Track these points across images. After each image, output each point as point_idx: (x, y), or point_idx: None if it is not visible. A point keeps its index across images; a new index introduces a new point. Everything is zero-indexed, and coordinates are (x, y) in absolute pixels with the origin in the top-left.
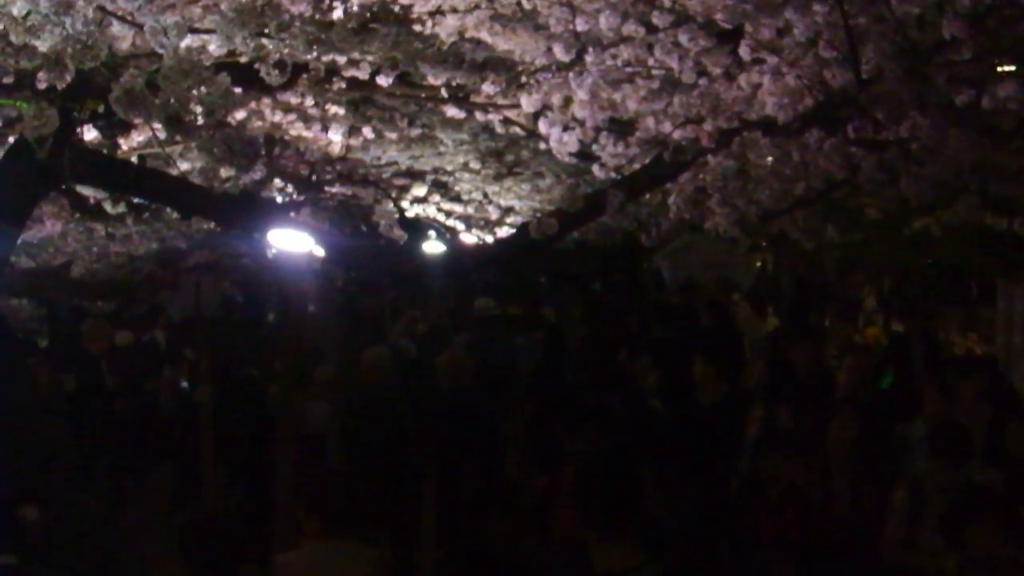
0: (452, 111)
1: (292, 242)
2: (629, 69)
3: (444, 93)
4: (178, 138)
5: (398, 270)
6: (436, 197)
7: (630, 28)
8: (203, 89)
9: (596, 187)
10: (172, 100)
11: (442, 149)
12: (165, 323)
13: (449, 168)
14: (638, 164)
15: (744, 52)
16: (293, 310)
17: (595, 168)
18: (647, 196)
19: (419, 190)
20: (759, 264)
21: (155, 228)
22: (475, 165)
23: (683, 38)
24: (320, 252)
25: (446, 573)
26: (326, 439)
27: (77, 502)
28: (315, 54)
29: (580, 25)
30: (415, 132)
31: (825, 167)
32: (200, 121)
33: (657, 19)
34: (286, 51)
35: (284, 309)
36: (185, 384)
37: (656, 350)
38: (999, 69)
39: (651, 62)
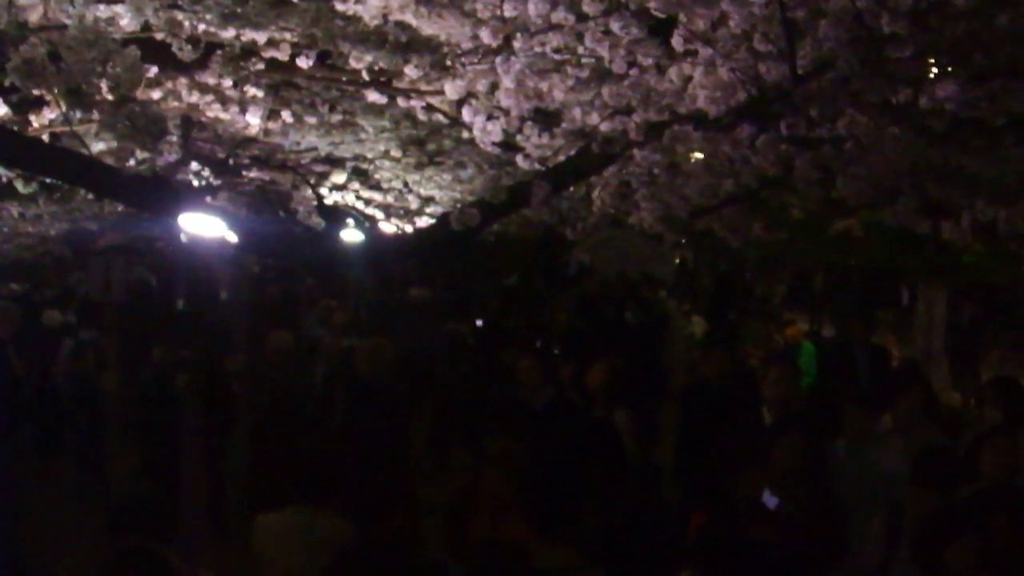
0: (374, 96)
1: (204, 227)
2: (558, 57)
3: (366, 77)
4: (89, 116)
5: (315, 258)
6: (356, 185)
7: (560, 16)
8: (109, 63)
9: (519, 179)
10: (74, 72)
11: (363, 136)
12: (76, 306)
13: (369, 155)
14: (563, 156)
15: (677, 43)
16: (203, 297)
17: (519, 159)
18: (571, 189)
19: (338, 177)
20: (678, 260)
21: (67, 209)
22: (396, 153)
23: (615, 26)
24: (233, 238)
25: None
26: None
27: None
28: (230, 30)
29: (508, 11)
30: (336, 118)
31: (757, 164)
32: (105, 97)
33: (588, 7)
34: (200, 26)
35: (194, 295)
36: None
37: (574, 343)
38: (934, 70)
39: (580, 50)
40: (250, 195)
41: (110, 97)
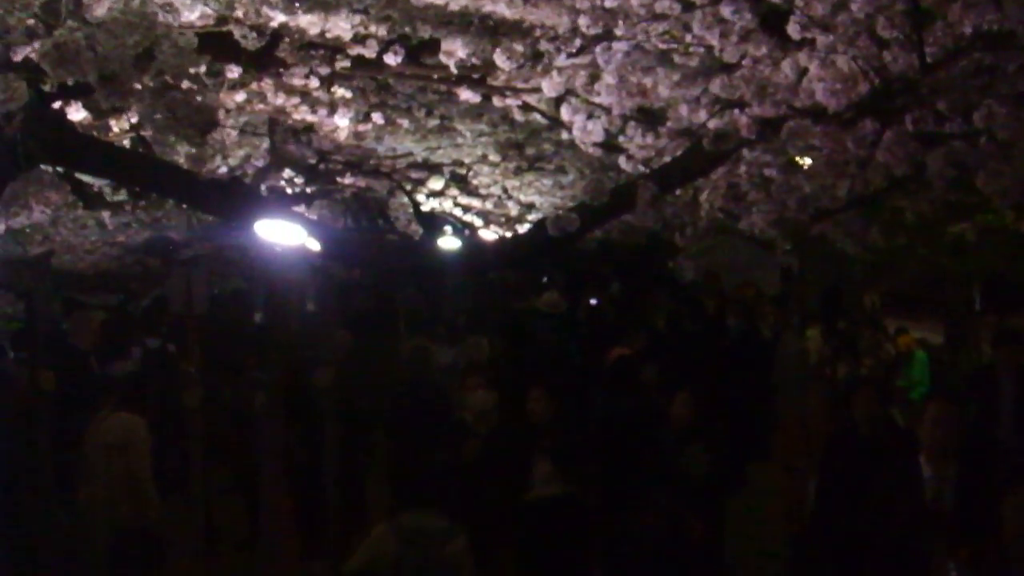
0: (466, 94)
1: (283, 234)
2: (663, 46)
3: (453, 69)
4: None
5: (408, 267)
6: (454, 191)
7: (664, 4)
8: (157, 49)
9: (621, 182)
10: (110, 58)
11: (460, 140)
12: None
13: (467, 160)
14: (668, 157)
15: (793, 30)
16: (282, 309)
17: (621, 160)
18: (677, 192)
19: (436, 183)
20: (782, 268)
21: (155, 218)
22: (494, 158)
23: (726, 11)
24: (315, 246)
25: None
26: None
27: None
28: (301, 16)
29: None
30: (432, 122)
31: (885, 162)
32: (147, 84)
33: None
34: (264, 10)
35: (272, 308)
36: None
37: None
38: None
39: (688, 38)
40: (346, 203)
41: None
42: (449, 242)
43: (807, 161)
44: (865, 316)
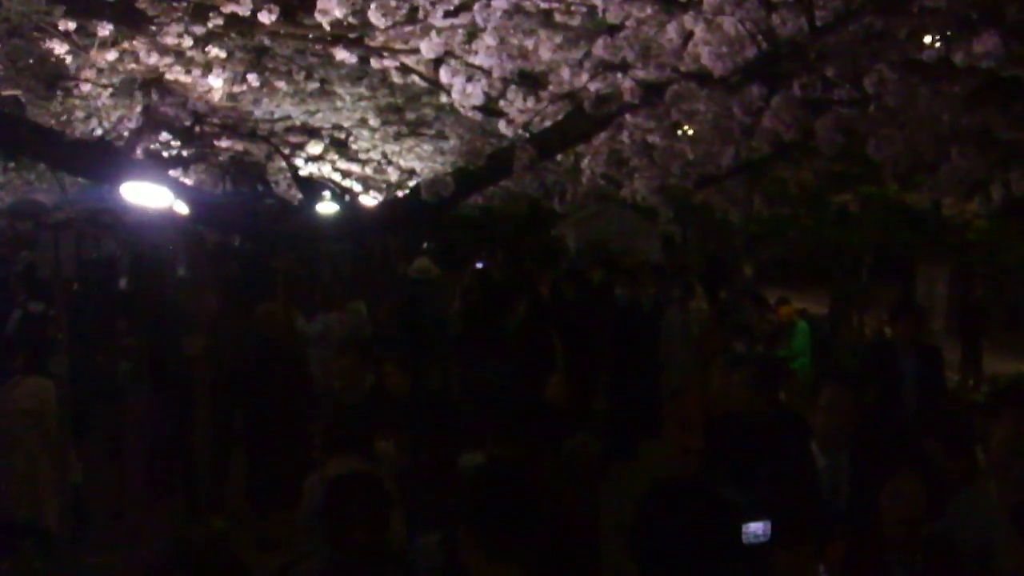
0: (342, 54)
1: (150, 197)
2: (544, 5)
3: (326, 27)
4: None
5: (283, 233)
6: (333, 156)
7: None
8: None
9: (500, 147)
10: None
11: (339, 104)
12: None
13: (347, 125)
14: (550, 122)
15: None
16: (147, 274)
17: (501, 124)
18: (559, 158)
19: (315, 148)
20: (666, 236)
21: (28, 180)
22: (374, 122)
23: None
24: (183, 209)
25: None
26: None
27: None
28: None
29: None
30: (312, 85)
31: (772, 127)
32: None
33: None
34: None
35: (138, 273)
36: None
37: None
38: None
39: None
40: (223, 167)
41: None
42: (327, 207)
43: (691, 129)
44: (744, 286)
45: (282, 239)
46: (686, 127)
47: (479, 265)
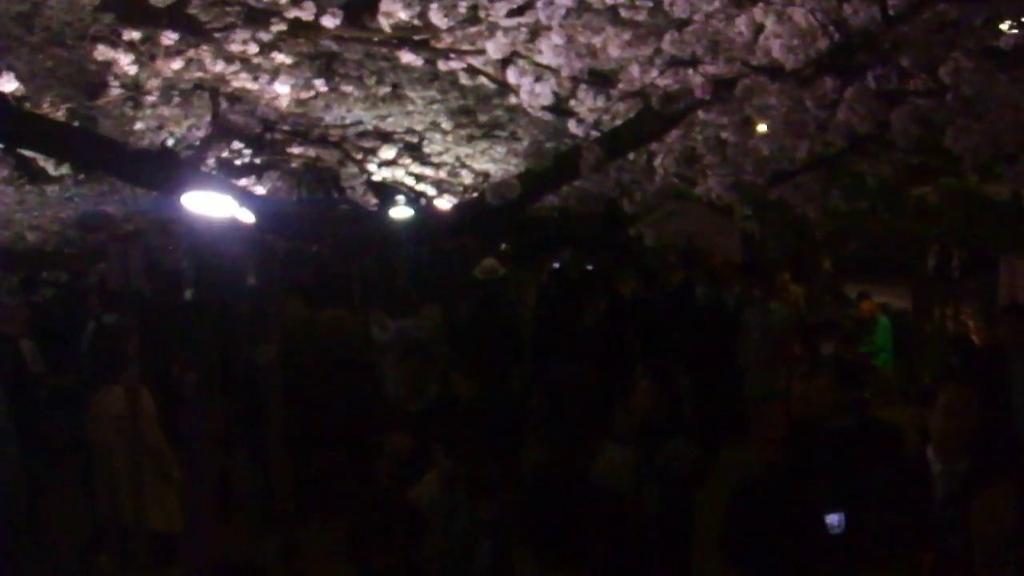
0: (408, 57)
1: (212, 206)
2: (610, 0)
3: (387, 29)
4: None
5: (354, 238)
6: (406, 160)
7: None
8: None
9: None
10: None
11: (410, 108)
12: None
13: (418, 128)
14: (621, 121)
15: None
16: (214, 284)
17: (571, 124)
18: (631, 157)
19: (387, 152)
20: (745, 234)
21: (101, 192)
22: (446, 125)
23: None
24: (248, 217)
25: None
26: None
27: None
28: None
29: None
30: (383, 90)
31: (847, 120)
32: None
33: None
34: None
35: (203, 284)
36: None
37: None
38: None
39: None
40: (297, 174)
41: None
42: (401, 212)
43: (763, 125)
44: (824, 282)
45: (352, 244)
46: (759, 123)
47: (555, 265)
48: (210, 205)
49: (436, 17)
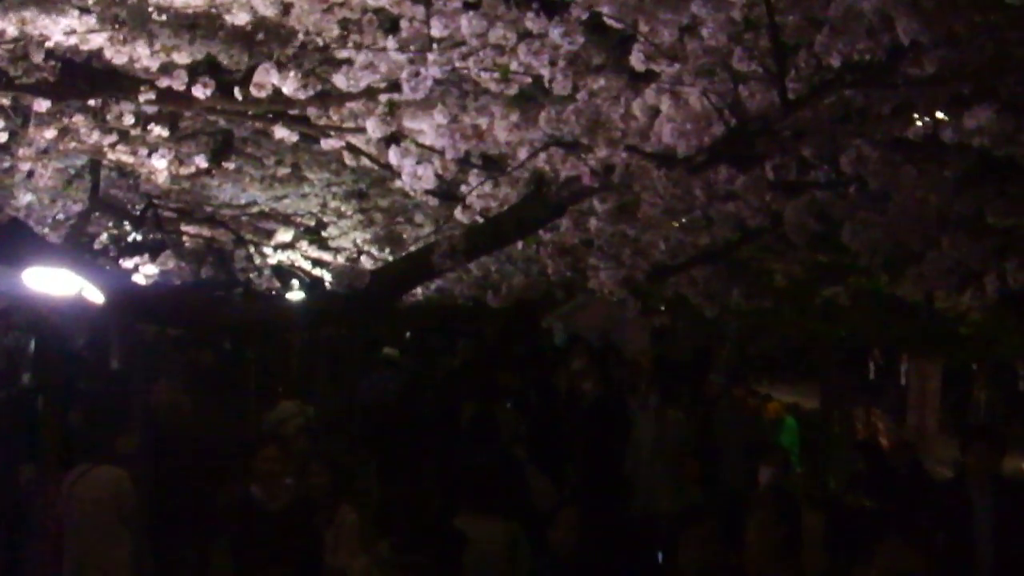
0: (282, 132)
1: (55, 283)
2: (484, 73)
3: (255, 94)
4: None
5: (217, 323)
6: (303, 244)
7: (498, 34)
8: None
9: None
10: None
11: (307, 189)
12: None
13: (315, 211)
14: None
15: (637, 60)
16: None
17: (457, 212)
18: (518, 246)
19: (284, 236)
20: (656, 326)
21: None
22: (344, 208)
23: (554, 33)
24: (97, 296)
25: None
26: None
27: None
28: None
29: (437, 29)
30: (281, 170)
31: (738, 212)
32: None
33: (532, 23)
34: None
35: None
36: None
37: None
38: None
39: (515, 66)
40: (198, 254)
41: None
42: (296, 296)
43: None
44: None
45: (215, 330)
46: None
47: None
48: (55, 282)
49: (289, 87)
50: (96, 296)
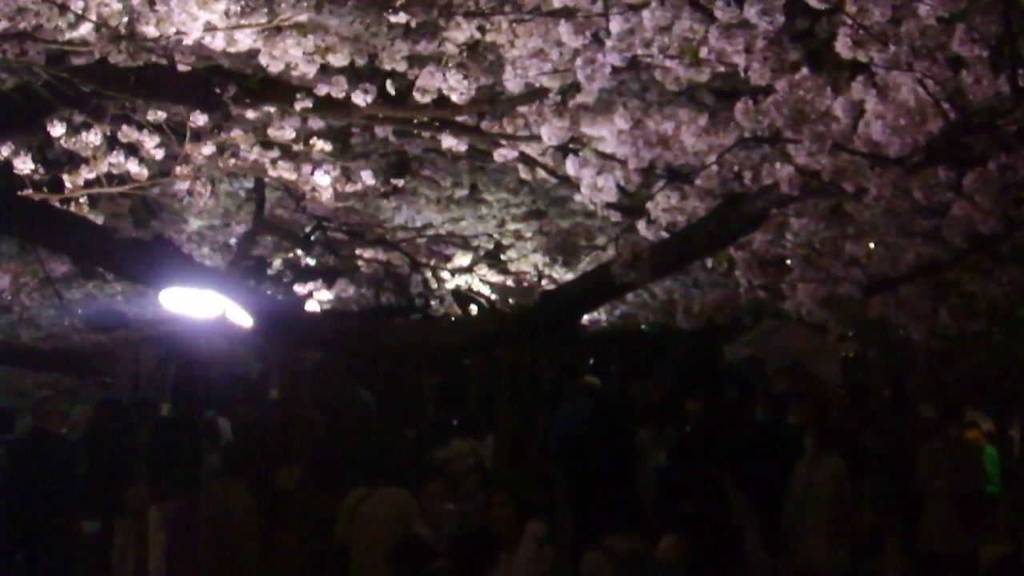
0: (449, 141)
1: (196, 305)
2: (668, 61)
3: (420, 99)
4: None
5: (373, 349)
6: (482, 269)
7: (684, 26)
8: None
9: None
10: None
11: (484, 211)
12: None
13: (494, 234)
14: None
15: (843, 46)
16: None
17: (640, 226)
18: (708, 264)
19: (463, 259)
20: (847, 355)
21: (117, 291)
22: (522, 229)
23: (750, 12)
24: (246, 320)
25: None
26: None
27: None
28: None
29: (617, 24)
30: (459, 192)
31: (968, 215)
32: None
33: (722, 12)
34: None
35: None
36: None
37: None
38: None
39: (704, 52)
40: (376, 279)
41: None
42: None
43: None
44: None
45: (370, 357)
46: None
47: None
48: (192, 304)
49: (454, 80)
50: (242, 318)
